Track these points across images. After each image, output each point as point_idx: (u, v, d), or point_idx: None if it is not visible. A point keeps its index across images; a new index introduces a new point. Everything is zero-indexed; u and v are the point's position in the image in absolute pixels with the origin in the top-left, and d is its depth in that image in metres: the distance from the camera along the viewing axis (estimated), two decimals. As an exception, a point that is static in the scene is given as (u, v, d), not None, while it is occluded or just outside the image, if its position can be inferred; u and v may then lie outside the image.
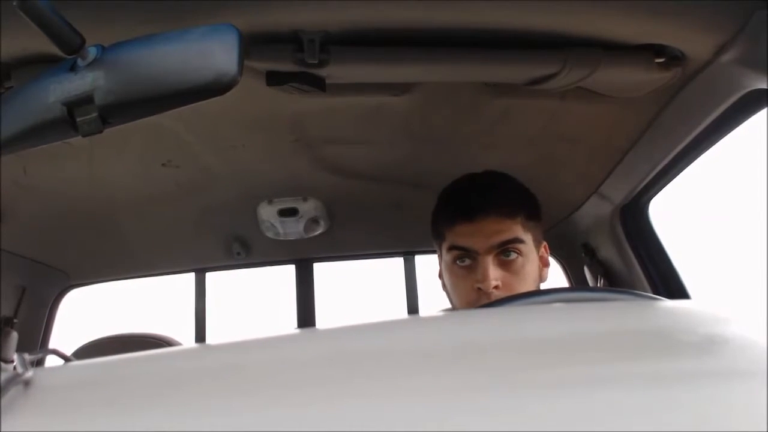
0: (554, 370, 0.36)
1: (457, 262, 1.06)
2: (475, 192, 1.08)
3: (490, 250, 1.02)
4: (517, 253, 1.04)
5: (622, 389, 0.34)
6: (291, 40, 0.84)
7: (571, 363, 0.38)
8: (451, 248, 1.06)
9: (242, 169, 1.31)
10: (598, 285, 1.52)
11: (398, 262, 1.82)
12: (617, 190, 1.36)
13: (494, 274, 1.01)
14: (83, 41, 0.56)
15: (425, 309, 1.79)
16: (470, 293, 1.03)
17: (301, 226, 1.56)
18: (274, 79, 0.89)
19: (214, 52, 0.55)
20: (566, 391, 0.34)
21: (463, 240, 1.04)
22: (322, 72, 0.88)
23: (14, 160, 1.13)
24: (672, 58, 0.91)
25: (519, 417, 0.32)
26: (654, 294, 1.18)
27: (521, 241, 1.04)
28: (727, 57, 0.86)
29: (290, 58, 0.85)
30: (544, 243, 1.12)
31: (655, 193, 1.35)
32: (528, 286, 1.03)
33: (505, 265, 1.03)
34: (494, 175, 1.12)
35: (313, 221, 1.55)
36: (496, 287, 1.00)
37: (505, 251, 1.03)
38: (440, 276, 1.15)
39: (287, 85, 0.90)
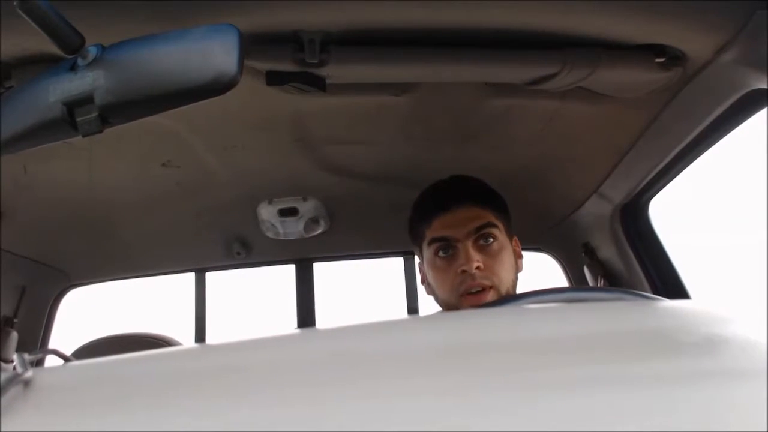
0: (554, 370, 0.36)
1: (440, 254, 1.11)
2: (446, 188, 1.15)
3: (468, 236, 1.08)
4: (494, 238, 1.10)
5: (622, 389, 0.34)
6: (291, 40, 0.84)
7: (571, 363, 0.38)
8: (431, 242, 1.12)
9: (242, 169, 1.31)
10: (598, 285, 1.52)
11: (398, 262, 1.82)
12: (617, 190, 1.36)
13: (476, 256, 1.06)
14: (83, 41, 0.56)
15: (425, 309, 1.79)
16: (454, 278, 1.07)
17: (301, 226, 1.56)
18: (274, 79, 0.89)
19: (214, 52, 0.55)
20: (566, 391, 0.34)
21: (442, 231, 1.10)
22: (322, 72, 0.88)
23: (14, 160, 1.13)
24: (672, 58, 0.90)
25: (519, 417, 0.32)
26: (654, 294, 1.18)
27: (495, 226, 1.10)
28: (727, 57, 0.86)
29: (290, 58, 0.85)
30: (515, 237, 1.18)
31: (655, 193, 1.35)
32: (507, 271, 1.09)
33: (483, 249, 1.09)
34: (459, 176, 1.18)
35: (313, 221, 1.55)
36: (478, 268, 1.05)
37: (482, 236, 1.09)
38: (423, 281, 1.19)
39: (287, 85, 0.90)
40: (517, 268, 1.15)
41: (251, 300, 2.40)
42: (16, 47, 0.79)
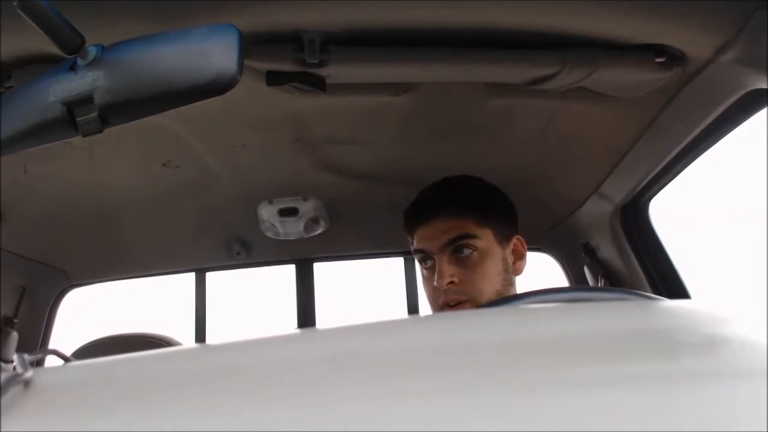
0: (554, 370, 0.36)
1: (423, 264, 1.11)
2: (428, 197, 1.13)
3: (443, 249, 1.06)
4: (472, 249, 1.06)
5: (622, 389, 0.34)
6: (291, 40, 0.84)
7: (571, 363, 0.38)
8: (415, 252, 1.12)
9: (242, 169, 1.31)
10: (598, 285, 1.52)
11: (398, 262, 1.82)
12: (617, 190, 1.36)
13: (449, 271, 1.04)
14: (83, 41, 0.56)
15: (425, 309, 1.79)
16: (433, 292, 1.08)
17: (301, 226, 1.56)
18: (274, 79, 0.89)
19: (214, 52, 0.55)
20: (566, 391, 0.34)
21: (421, 243, 1.10)
22: (322, 72, 0.88)
23: (14, 160, 1.13)
24: (672, 57, 0.90)
25: (519, 417, 0.32)
26: (654, 294, 1.18)
27: (473, 236, 1.06)
28: (727, 57, 0.86)
29: (290, 58, 0.85)
30: (517, 236, 1.15)
31: (655, 193, 1.35)
32: (489, 281, 1.06)
33: (460, 261, 1.06)
34: (451, 179, 1.16)
35: (313, 221, 1.55)
36: (451, 283, 1.04)
37: (458, 248, 1.06)
38: None
39: (287, 85, 0.90)
40: (513, 271, 1.12)
41: (251, 300, 2.40)
42: (16, 47, 0.79)
